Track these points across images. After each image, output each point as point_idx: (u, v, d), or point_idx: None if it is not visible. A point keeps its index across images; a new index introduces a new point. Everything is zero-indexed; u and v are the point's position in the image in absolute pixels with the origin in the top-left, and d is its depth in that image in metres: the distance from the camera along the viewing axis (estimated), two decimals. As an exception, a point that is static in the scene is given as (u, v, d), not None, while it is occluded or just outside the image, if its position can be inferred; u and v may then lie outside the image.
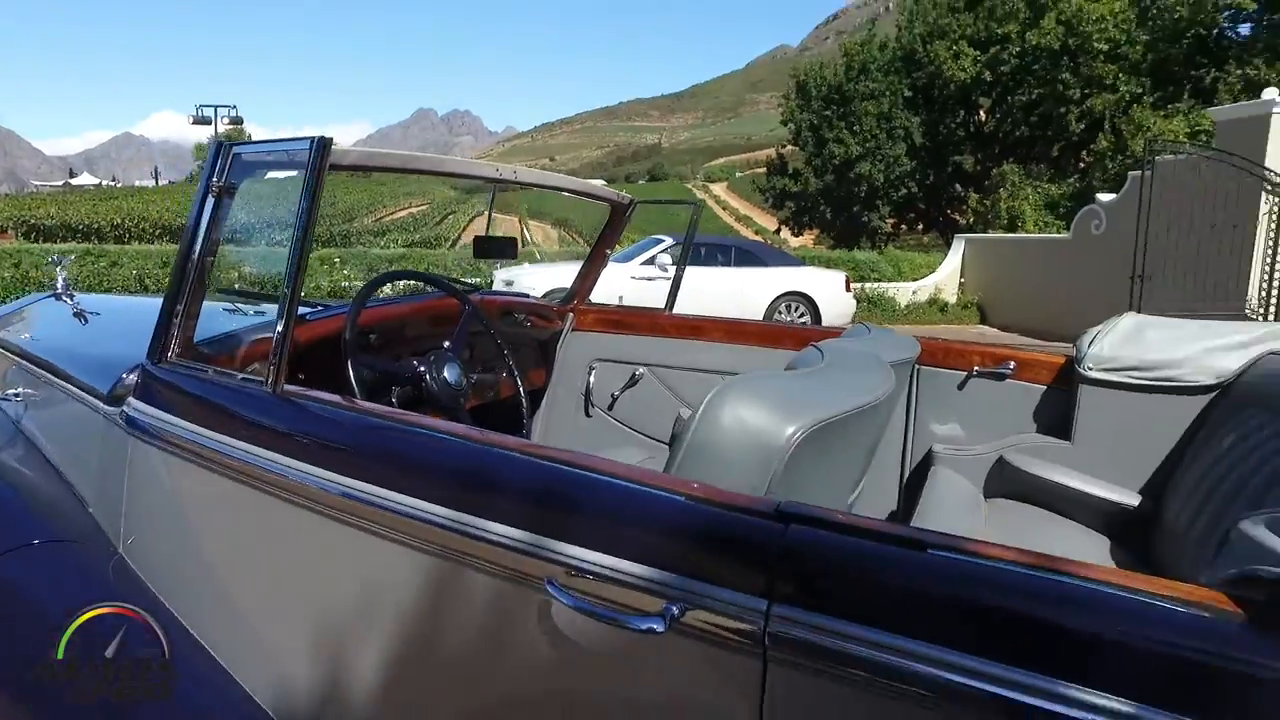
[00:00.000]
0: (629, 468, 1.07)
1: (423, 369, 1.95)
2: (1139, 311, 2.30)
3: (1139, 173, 10.56)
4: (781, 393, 1.14)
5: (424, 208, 48.76)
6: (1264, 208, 9.75)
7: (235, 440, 1.41)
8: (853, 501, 1.68)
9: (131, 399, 1.69)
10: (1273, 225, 9.82)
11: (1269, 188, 9.68)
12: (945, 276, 15.23)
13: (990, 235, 16.29)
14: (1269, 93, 10.10)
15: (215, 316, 1.89)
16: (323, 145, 1.43)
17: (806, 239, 29.63)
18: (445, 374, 1.95)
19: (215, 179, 1.59)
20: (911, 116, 21.98)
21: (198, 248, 1.60)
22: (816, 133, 23.09)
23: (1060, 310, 11.81)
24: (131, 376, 1.74)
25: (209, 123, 26.67)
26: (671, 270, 10.55)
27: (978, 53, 20.04)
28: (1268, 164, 9.65)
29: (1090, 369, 2.06)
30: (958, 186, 23.68)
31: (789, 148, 26.24)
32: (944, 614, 0.81)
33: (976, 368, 2.26)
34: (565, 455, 1.10)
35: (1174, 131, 16.32)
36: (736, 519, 0.94)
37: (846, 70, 22.66)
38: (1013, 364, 2.22)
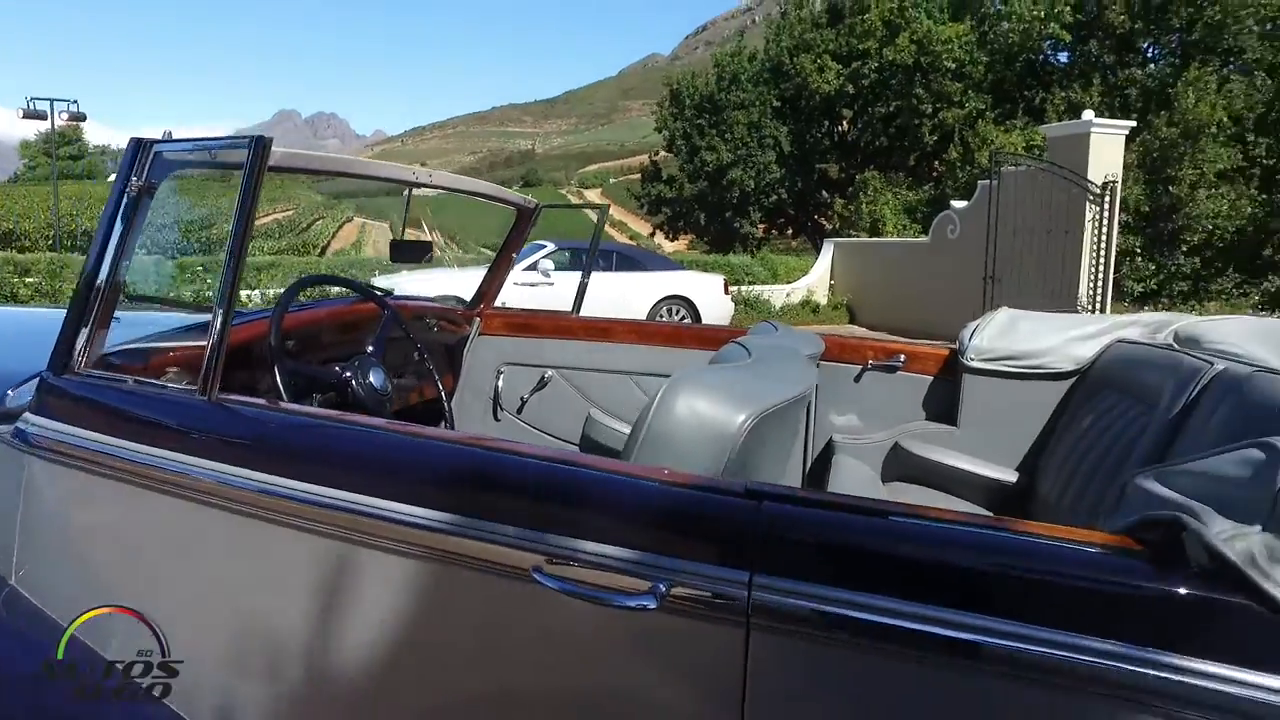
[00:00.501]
0: (600, 459, 1.16)
1: (348, 374, 1.96)
2: (988, 310, 2.58)
3: (987, 182, 11.51)
4: (728, 384, 1.26)
5: (289, 213, 46.53)
6: (1088, 215, 10.83)
7: (166, 451, 1.38)
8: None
9: (29, 414, 1.60)
10: (1096, 231, 10.92)
11: (1091, 197, 10.77)
12: (817, 279, 16.01)
13: (857, 239, 17.22)
14: (1088, 114, 11.26)
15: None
16: (262, 146, 1.42)
17: (680, 244, 30.34)
18: (371, 379, 1.97)
19: (134, 179, 1.53)
20: (780, 126, 22.93)
21: (110, 253, 1.54)
22: (690, 140, 23.71)
23: (922, 309, 12.67)
24: (19, 391, 1.66)
25: (43, 117, 23.96)
26: (554, 276, 10.62)
27: (840, 66, 21.17)
28: (1089, 176, 10.74)
29: (971, 360, 2.30)
30: (824, 193, 24.85)
31: (663, 155, 26.81)
32: (909, 571, 0.94)
33: (870, 361, 2.47)
34: (542, 450, 1.17)
35: (1013, 145, 17.80)
36: (713, 500, 1.04)
37: (718, 80, 23.39)
38: (903, 357, 2.44)
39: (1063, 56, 19.88)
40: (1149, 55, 19.00)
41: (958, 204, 13.17)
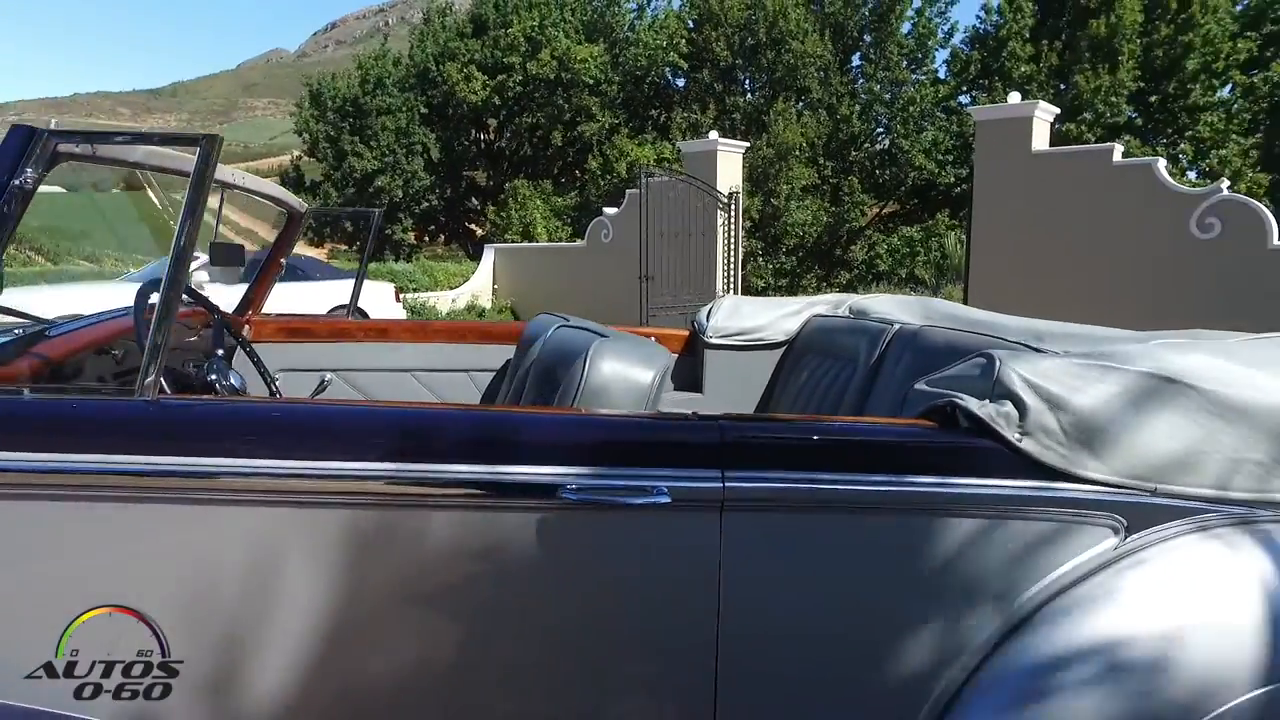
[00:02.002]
0: (592, 411, 1.48)
1: (213, 377, 1.95)
2: (645, 306, 3.18)
3: (635, 190, 12.79)
4: (634, 351, 1.56)
5: None
6: (720, 221, 12.61)
7: (108, 456, 1.33)
8: None
9: None
10: (726, 235, 12.76)
11: (721, 205, 12.56)
12: (480, 284, 16.36)
13: (519, 244, 17.89)
14: (714, 134, 13.10)
15: None
16: (214, 144, 1.42)
17: (321, 251, 28.71)
18: (231, 380, 2.01)
19: (29, 171, 1.41)
20: (429, 133, 22.83)
21: None
22: (335, 145, 22.58)
23: (585, 309, 13.50)
24: None
25: None
26: (209, 289, 9.62)
27: (487, 77, 21.70)
28: (719, 187, 12.52)
29: (710, 337, 2.81)
30: (474, 200, 25.28)
31: (304, 158, 25.15)
32: (824, 455, 1.37)
33: None
34: (554, 411, 1.47)
35: (645, 157, 19.86)
36: (688, 425, 1.39)
37: (362, 83, 22.56)
38: (654, 339, 2.88)
39: (680, 82, 22.60)
40: (747, 86, 22.36)
41: (610, 210, 14.39)
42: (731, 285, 12.85)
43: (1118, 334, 1.76)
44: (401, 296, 12.65)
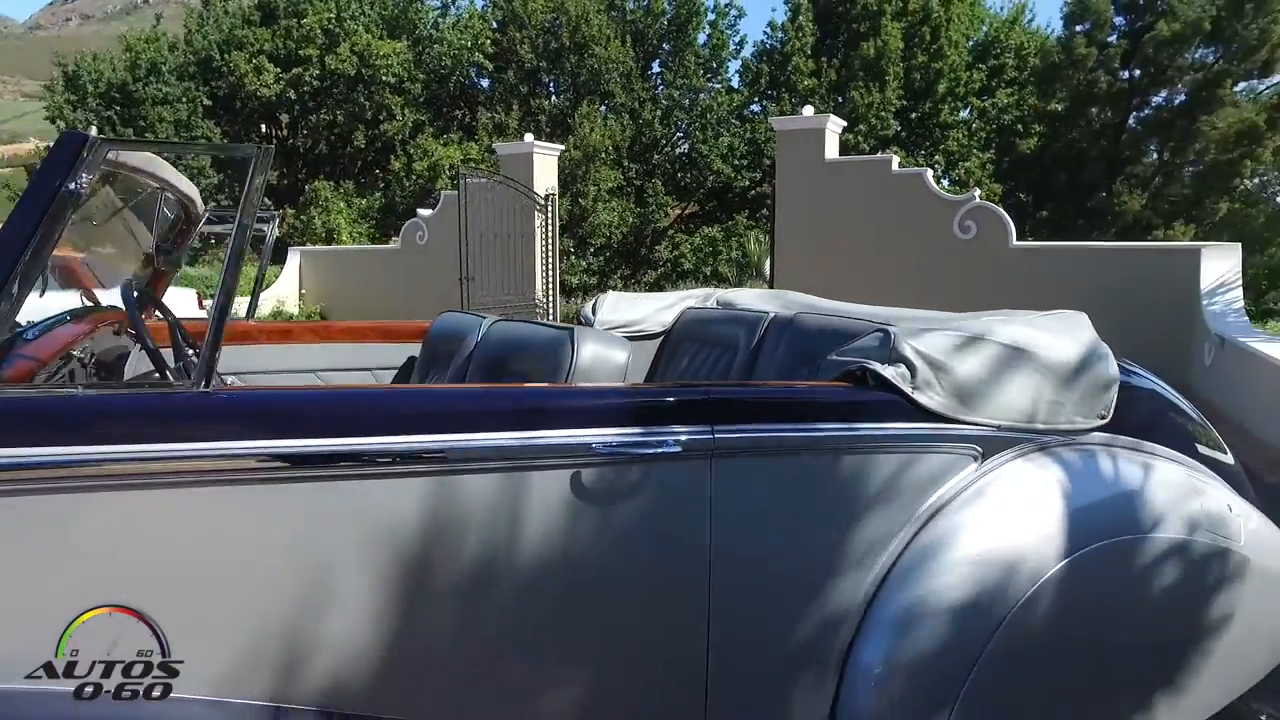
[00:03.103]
0: (601, 385, 1.78)
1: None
2: (466, 307, 3.47)
3: (451, 192, 12.70)
4: (606, 337, 1.82)
5: None
6: (537, 222, 12.83)
7: (170, 444, 1.41)
8: None
9: None
10: (543, 236, 13.01)
11: (538, 207, 12.79)
12: (286, 289, 15.47)
13: (325, 248, 17.08)
14: (529, 137, 13.29)
15: None
16: (267, 154, 1.55)
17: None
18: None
19: (84, 175, 1.44)
20: (214, 127, 21.13)
21: (27, 255, 1.41)
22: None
23: (401, 310, 13.31)
24: None
25: None
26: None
27: (279, 69, 20.43)
28: (535, 188, 12.73)
29: (598, 330, 3.08)
30: (266, 200, 23.72)
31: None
32: (778, 410, 1.72)
33: None
34: (584, 387, 1.76)
35: (452, 158, 19.65)
36: (679, 393, 1.73)
37: (131, 68, 20.45)
38: None
39: (485, 82, 22.51)
40: (552, 89, 22.69)
41: (424, 211, 14.16)
42: (551, 285, 13.12)
43: (953, 316, 2.24)
44: (204, 303, 11.76)
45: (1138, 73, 19.74)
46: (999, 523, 1.73)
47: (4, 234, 1.42)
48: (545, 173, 13.01)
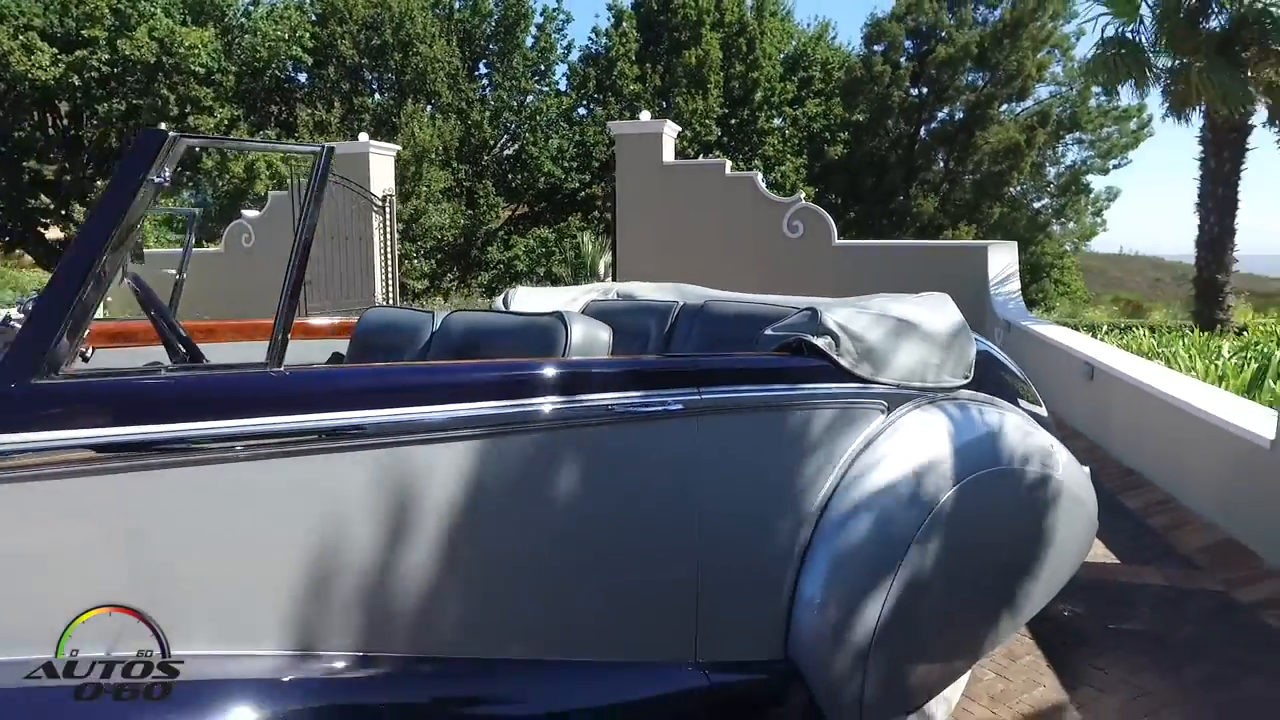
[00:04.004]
0: (616, 358, 2.08)
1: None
2: (305, 310, 3.66)
3: (281, 192, 12.11)
4: (590, 320, 2.06)
5: None
6: (375, 224, 12.52)
7: (243, 420, 1.50)
8: None
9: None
10: (382, 237, 12.70)
11: (376, 208, 12.48)
12: (83, 295, 14.06)
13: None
14: (363, 136, 12.93)
15: None
16: (331, 155, 1.67)
17: None
18: None
19: (165, 170, 1.52)
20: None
21: (109, 246, 1.46)
22: None
23: (231, 317, 12.53)
24: None
25: None
26: None
27: (57, 51, 18.33)
28: (372, 189, 12.42)
29: (515, 321, 3.27)
30: (43, 197, 21.23)
31: None
32: (741, 375, 2.05)
33: None
34: (609, 360, 2.06)
35: (272, 158, 18.58)
36: (674, 363, 2.05)
37: None
38: None
39: (303, 77, 21.42)
40: (375, 87, 21.97)
41: (250, 213, 13.38)
42: (390, 287, 12.83)
43: (839, 300, 2.65)
44: (-12, 312, 10.51)
45: (925, 90, 22.06)
46: (904, 461, 2.13)
47: (94, 223, 1.48)
48: (382, 173, 12.72)
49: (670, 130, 11.53)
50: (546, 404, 1.76)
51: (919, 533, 2.07)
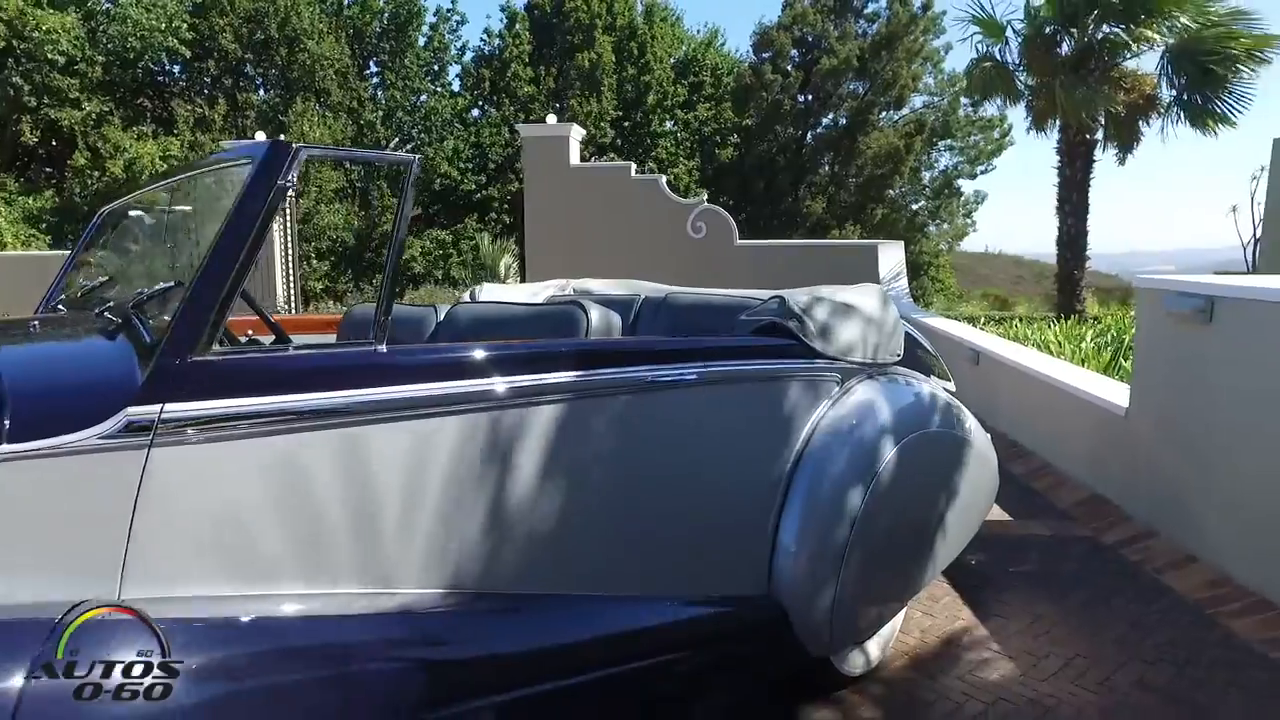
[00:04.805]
0: (643, 338, 2.51)
1: None
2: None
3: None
4: (601, 307, 2.39)
5: None
6: (276, 225, 12.20)
7: (353, 391, 1.72)
8: None
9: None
10: (283, 239, 12.38)
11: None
12: (-58, 302, 13.00)
13: (11, 254, 14.55)
14: (260, 135, 12.51)
15: None
16: (417, 163, 1.89)
17: None
18: None
19: (292, 177, 1.74)
20: None
21: (249, 243, 1.67)
22: None
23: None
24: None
25: None
26: None
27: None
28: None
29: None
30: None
31: None
32: (726, 354, 2.39)
33: None
34: (640, 341, 2.51)
35: (150, 154, 17.64)
36: (686, 342, 2.47)
37: None
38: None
39: (179, 69, 20.38)
40: (260, 83, 21.17)
41: (136, 214, 12.72)
42: (292, 288, 12.53)
43: (796, 290, 3.00)
44: None
45: (811, 97, 23.16)
46: (857, 425, 2.51)
47: (237, 224, 1.68)
48: (279, 172, 12.36)
49: (576, 134, 11.79)
50: (606, 375, 2.07)
51: (872, 484, 2.44)
